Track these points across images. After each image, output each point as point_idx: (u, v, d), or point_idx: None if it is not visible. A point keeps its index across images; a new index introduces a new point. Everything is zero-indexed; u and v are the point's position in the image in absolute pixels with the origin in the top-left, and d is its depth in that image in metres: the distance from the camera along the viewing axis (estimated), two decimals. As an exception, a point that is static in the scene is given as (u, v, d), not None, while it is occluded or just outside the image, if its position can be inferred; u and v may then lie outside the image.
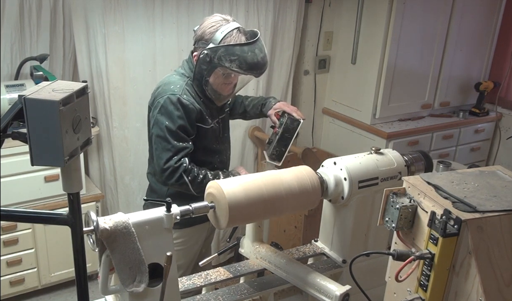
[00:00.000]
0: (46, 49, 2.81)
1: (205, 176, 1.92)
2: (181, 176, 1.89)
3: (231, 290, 1.64)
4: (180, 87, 1.93)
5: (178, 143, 1.89)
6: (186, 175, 1.89)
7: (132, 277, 1.33)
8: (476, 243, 1.12)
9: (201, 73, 1.91)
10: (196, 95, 1.97)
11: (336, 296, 1.50)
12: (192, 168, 1.91)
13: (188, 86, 1.96)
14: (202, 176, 1.92)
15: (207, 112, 1.99)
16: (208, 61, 1.87)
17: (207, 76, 1.91)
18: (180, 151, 1.89)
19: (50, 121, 1.01)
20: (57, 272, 2.99)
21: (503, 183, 1.30)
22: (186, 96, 1.91)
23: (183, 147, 1.89)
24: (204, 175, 1.92)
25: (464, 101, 4.06)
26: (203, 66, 1.89)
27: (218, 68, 1.88)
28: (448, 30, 3.67)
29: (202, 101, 1.98)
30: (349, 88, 3.75)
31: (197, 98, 1.97)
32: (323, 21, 3.72)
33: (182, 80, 1.96)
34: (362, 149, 1.87)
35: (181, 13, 3.05)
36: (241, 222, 1.62)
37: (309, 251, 1.85)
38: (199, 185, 1.91)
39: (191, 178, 1.90)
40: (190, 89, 1.96)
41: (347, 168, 1.68)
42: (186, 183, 1.89)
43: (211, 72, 1.90)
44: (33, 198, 2.76)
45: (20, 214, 1.28)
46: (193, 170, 1.91)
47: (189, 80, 1.97)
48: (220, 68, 1.87)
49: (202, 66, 1.90)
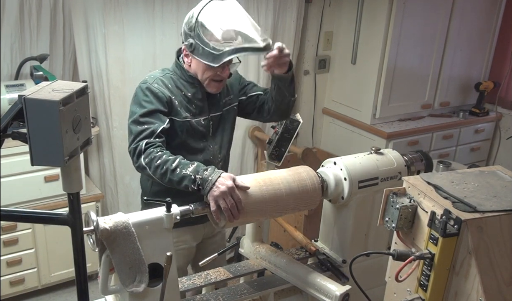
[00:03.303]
0: (46, 49, 2.81)
1: (165, 162, 1.68)
2: (137, 159, 1.74)
3: (231, 290, 1.64)
4: (153, 77, 1.90)
5: (139, 126, 1.78)
6: (143, 157, 1.73)
7: (132, 277, 1.33)
8: (476, 243, 1.12)
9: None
10: (174, 87, 1.89)
11: (336, 296, 1.51)
12: (152, 151, 1.72)
13: (166, 78, 1.90)
14: (160, 161, 1.68)
15: (182, 105, 1.88)
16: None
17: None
18: (140, 133, 1.77)
19: (50, 121, 1.01)
20: (57, 272, 2.99)
21: (503, 183, 1.30)
22: (157, 85, 1.86)
23: (143, 129, 1.77)
24: (164, 160, 1.68)
25: (464, 101, 4.06)
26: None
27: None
28: (448, 30, 3.67)
29: (183, 94, 1.90)
30: (349, 88, 3.75)
31: (174, 90, 1.89)
32: (323, 21, 3.71)
33: (160, 73, 1.94)
34: (362, 149, 1.87)
35: (181, 13, 3.05)
36: (241, 222, 1.62)
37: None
38: (157, 170, 1.69)
39: (147, 160, 1.71)
40: (167, 81, 1.89)
41: (347, 168, 1.68)
42: (143, 166, 1.72)
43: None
44: (33, 198, 2.76)
45: (20, 214, 1.28)
46: (152, 152, 1.72)
47: (168, 73, 1.93)
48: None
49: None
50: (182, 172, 1.64)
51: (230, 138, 2.10)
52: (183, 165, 1.67)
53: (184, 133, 1.89)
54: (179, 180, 1.65)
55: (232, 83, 2.07)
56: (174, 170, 1.66)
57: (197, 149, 1.94)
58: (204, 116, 1.95)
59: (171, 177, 1.66)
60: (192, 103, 1.91)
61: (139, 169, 1.77)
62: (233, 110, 2.07)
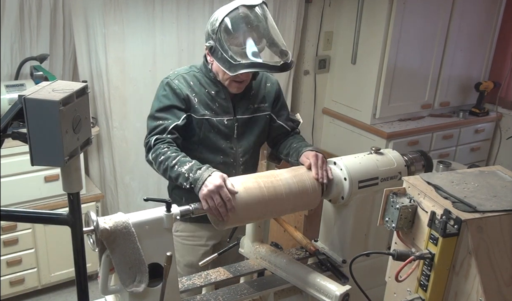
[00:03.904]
0: (46, 49, 2.81)
1: (167, 158, 1.71)
2: (147, 154, 1.80)
3: (231, 290, 1.64)
4: (176, 74, 1.91)
5: (154, 122, 1.82)
6: (151, 153, 1.77)
7: (132, 277, 1.33)
8: (476, 243, 1.11)
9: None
10: (197, 84, 1.89)
11: (336, 296, 1.51)
12: (159, 147, 1.75)
13: (189, 75, 1.90)
14: (163, 157, 1.72)
15: (203, 102, 1.88)
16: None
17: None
18: (153, 129, 1.81)
19: (50, 121, 1.01)
20: (57, 272, 2.99)
21: (503, 183, 1.30)
22: (177, 82, 1.87)
23: (156, 125, 1.81)
24: (167, 157, 1.71)
25: (464, 101, 4.06)
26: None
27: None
28: (448, 30, 3.67)
29: (207, 91, 1.89)
30: (349, 88, 3.75)
31: (196, 87, 1.89)
32: (323, 21, 3.72)
33: (184, 70, 1.94)
34: (362, 149, 1.87)
35: (181, 13, 3.05)
36: (241, 222, 1.62)
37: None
38: (160, 165, 1.73)
39: (154, 156, 1.75)
40: (190, 78, 1.89)
41: (347, 168, 1.68)
42: (151, 161, 1.78)
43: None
44: (33, 198, 2.76)
45: (20, 214, 1.28)
46: (158, 148, 1.75)
47: (193, 71, 1.93)
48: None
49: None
50: (178, 170, 1.66)
51: (257, 144, 2.03)
52: (181, 162, 1.68)
53: (202, 130, 1.88)
54: (175, 177, 1.67)
55: (269, 91, 2.02)
56: (172, 167, 1.68)
57: (218, 149, 1.91)
58: (229, 116, 1.92)
59: (170, 174, 1.69)
60: (215, 102, 1.90)
61: (149, 163, 1.81)
62: (265, 118, 2.00)
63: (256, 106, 1.98)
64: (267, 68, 1.74)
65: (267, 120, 2.02)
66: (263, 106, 1.99)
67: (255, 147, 2.02)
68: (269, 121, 2.02)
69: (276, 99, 2.04)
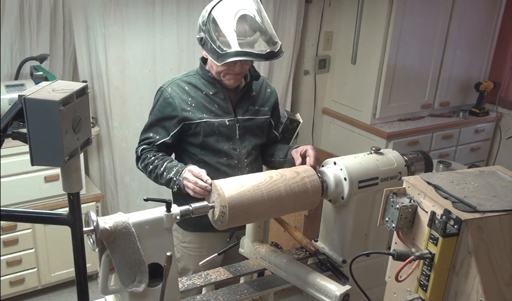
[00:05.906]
0: (46, 49, 2.81)
1: (155, 167, 1.84)
2: (137, 163, 1.94)
3: (231, 290, 1.64)
4: (170, 81, 1.93)
5: (144, 134, 1.94)
6: (139, 162, 1.91)
7: (132, 277, 1.33)
8: (476, 243, 1.11)
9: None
10: (192, 88, 1.90)
11: (336, 296, 1.50)
12: (146, 156, 1.88)
13: (183, 81, 1.90)
14: (152, 166, 1.85)
15: (199, 106, 1.88)
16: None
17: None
18: (142, 140, 1.94)
19: (50, 121, 1.01)
20: (57, 272, 2.99)
21: (503, 183, 1.30)
22: (170, 90, 1.88)
23: (145, 137, 1.93)
24: (155, 165, 1.84)
25: (464, 101, 4.06)
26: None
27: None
28: (448, 30, 3.67)
29: (204, 93, 1.90)
30: (349, 88, 3.75)
31: (192, 91, 1.89)
32: (323, 21, 3.72)
33: (181, 75, 1.95)
34: (362, 149, 1.87)
35: (181, 13, 3.05)
36: (241, 222, 1.62)
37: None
38: (151, 175, 1.87)
39: (143, 165, 1.89)
40: (184, 84, 1.90)
41: (347, 168, 1.68)
42: (141, 170, 1.92)
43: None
44: (33, 198, 2.76)
45: (20, 214, 1.28)
46: (146, 158, 1.88)
47: (190, 75, 1.93)
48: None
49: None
50: (167, 176, 1.79)
51: (260, 146, 2.03)
52: (168, 168, 1.80)
53: (202, 134, 1.89)
54: (166, 183, 1.80)
55: (269, 98, 2.04)
56: (161, 174, 1.81)
57: (221, 151, 1.91)
58: (229, 117, 1.92)
59: (161, 181, 1.82)
60: (214, 103, 1.90)
61: (141, 171, 1.94)
62: (266, 122, 2.02)
63: (257, 108, 1.99)
64: (252, 56, 1.75)
65: (268, 124, 2.04)
66: (263, 110, 2.01)
67: (258, 149, 2.03)
68: (268, 126, 2.05)
69: (275, 107, 2.07)
